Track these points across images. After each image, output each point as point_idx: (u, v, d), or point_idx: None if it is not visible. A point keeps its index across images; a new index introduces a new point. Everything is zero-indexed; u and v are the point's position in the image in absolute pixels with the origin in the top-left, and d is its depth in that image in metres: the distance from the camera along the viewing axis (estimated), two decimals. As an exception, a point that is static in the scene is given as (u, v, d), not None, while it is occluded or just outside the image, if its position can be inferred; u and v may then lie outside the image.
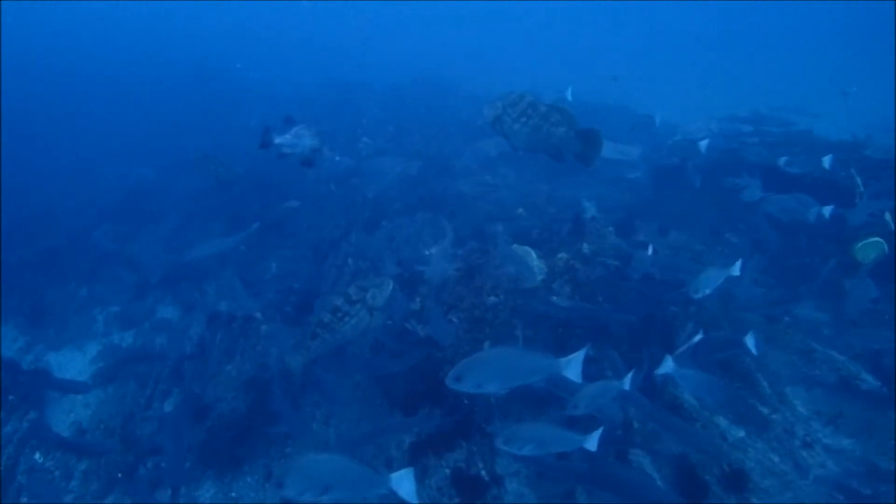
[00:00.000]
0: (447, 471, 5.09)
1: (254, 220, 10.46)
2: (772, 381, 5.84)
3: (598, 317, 5.71)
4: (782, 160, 7.77)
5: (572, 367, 3.75)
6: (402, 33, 44.47)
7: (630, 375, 4.30)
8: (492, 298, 5.81)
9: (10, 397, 6.95)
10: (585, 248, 6.32)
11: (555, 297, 5.78)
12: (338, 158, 10.72)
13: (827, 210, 6.47)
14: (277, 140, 5.47)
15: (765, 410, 5.54)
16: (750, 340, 4.99)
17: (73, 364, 8.35)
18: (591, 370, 5.22)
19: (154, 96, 19.65)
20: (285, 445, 6.07)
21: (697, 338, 5.08)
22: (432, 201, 9.66)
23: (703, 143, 8.40)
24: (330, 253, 8.86)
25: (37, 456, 6.51)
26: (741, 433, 5.29)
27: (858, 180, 6.81)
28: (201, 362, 7.33)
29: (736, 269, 5.37)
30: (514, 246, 6.35)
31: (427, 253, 7.71)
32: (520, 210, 8.70)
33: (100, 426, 6.87)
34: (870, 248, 6.03)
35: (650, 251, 6.17)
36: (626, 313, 5.67)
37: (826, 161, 7.08)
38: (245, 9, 44.93)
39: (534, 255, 6.19)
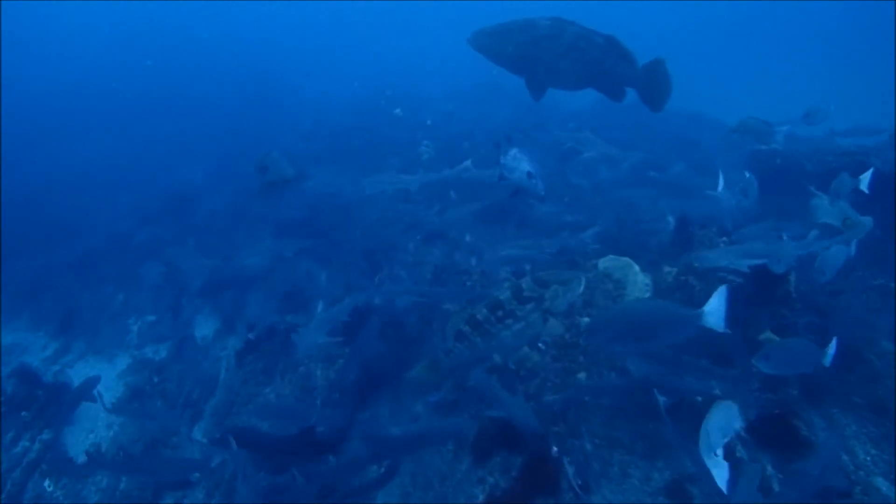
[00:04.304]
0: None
1: (302, 227, 9.73)
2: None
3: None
4: None
5: None
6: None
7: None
8: (585, 319, 4.68)
9: (24, 413, 6.17)
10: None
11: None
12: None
13: None
14: (502, 160, 4.66)
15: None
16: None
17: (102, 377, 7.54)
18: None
19: (211, 105, 19.49)
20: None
21: None
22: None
23: None
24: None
25: (46, 483, 5.70)
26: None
27: None
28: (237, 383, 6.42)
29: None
30: (610, 257, 5.20)
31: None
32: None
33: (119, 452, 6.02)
34: None
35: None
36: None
37: None
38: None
39: (636, 267, 5.02)
